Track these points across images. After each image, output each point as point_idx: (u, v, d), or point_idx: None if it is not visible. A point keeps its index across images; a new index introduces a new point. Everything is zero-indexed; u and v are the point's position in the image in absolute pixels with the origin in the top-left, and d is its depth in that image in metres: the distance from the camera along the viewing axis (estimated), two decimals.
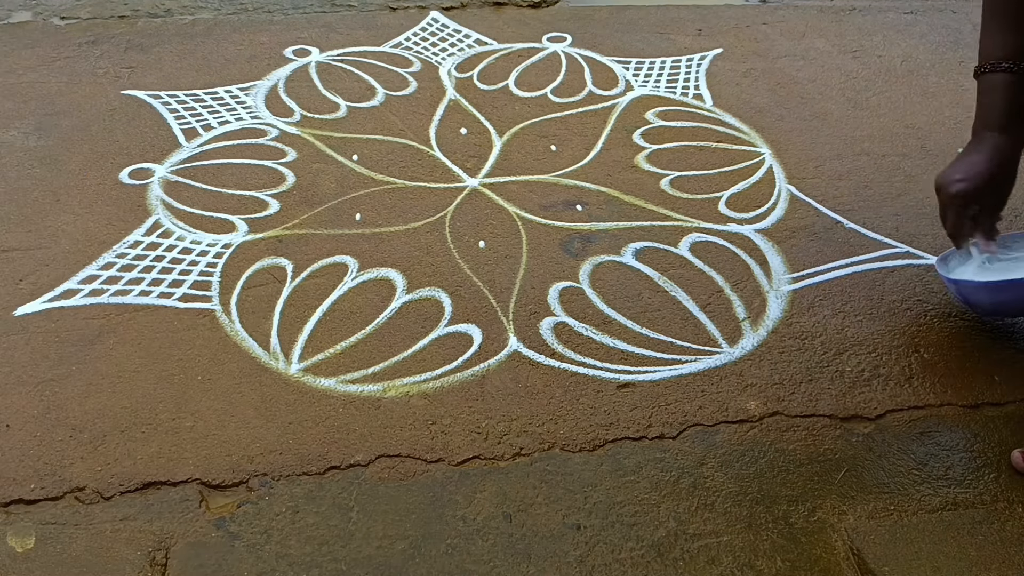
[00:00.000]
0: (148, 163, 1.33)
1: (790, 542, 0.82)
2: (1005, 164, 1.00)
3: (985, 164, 1.00)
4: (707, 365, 1.01)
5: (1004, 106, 0.99)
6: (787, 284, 1.14)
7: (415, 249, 1.17)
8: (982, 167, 1.00)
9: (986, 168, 1.00)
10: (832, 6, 1.96)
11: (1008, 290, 0.97)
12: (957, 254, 1.08)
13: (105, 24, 1.76)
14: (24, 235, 1.17)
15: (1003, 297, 0.98)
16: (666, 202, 1.28)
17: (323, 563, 0.79)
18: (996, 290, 0.98)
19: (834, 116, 1.51)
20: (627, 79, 1.62)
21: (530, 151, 1.40)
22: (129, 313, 1.05)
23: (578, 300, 1.09)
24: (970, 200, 1.01)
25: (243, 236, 1.18)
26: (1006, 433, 0.94)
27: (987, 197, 1.02)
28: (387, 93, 1.55)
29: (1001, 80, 0.99)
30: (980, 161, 1.00)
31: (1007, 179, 1.01)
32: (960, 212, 1.02)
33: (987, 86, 1.00)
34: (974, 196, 1.01)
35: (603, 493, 0.86)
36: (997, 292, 0.98)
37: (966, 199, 1.01)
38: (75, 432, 0.90)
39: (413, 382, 0.98)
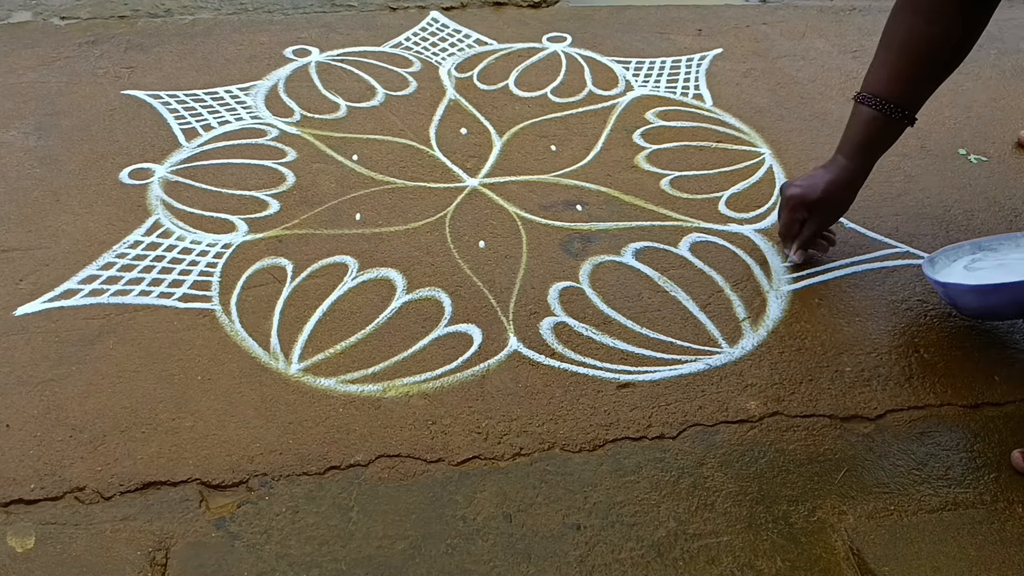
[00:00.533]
0: (148, 163, 1.33)
1: (790, 542, 0.82)
2: (841, 187, 1.09)
3: (824, 182, 1.09)
4: (707, 365, 1.01)
5: (860, 137, 1.06)
6: (787, 284, 1.14)
7: (415, 249, 1.17)
8: (820, 184, 1.09)
9: (823, 186, 1.08)
10: (832, 6, 1.96)
11: (995, 293, 0.98)
12: (943, 256, 1.10)
13: (105, 24, 1.76)
14: (24, 235, 1.17)
15: (991, 301, 0.98)
16: (666, 202, 1.28)
17: (323, 563, 0.79)
18: (984, 293, 0.99)
19: (834, 116, 1.51)
20: (627, 79, 1.62)
21: (530, 151, 1.40)
22: (129, 313, 1.05)
23: (578, 300, 1.09)
24: (798, 207, 1.11)
25: (243, 236, 1.18)
26: (1006, 433, 0.94)
27: (815, 210, 1.10)
28: (387, 93, 1.55)
29: (867, 114, 1.05)
30: (821, 178, 1.09)
31: (840, 201, 1.11)
32: (789, 215, 1.12)
33: (855, 114, 1.07)
34: (802, 205, 1.10)
35: (603, 493, 0.86)
36: (985, 296, 0.99)
37: (795, 203, 1.10)
38: (75, 432, 0.90)
39: (413, 382, 0.98)
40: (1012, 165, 1.40)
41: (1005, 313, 1.01)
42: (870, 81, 1.04)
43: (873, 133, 1.06)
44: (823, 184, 1.09)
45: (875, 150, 1.08)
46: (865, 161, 1.08)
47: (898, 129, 1.06)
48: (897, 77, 1.02)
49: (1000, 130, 1.49)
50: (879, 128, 1.05)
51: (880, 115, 1.03)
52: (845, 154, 1.08)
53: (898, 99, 1.02)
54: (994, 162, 1.41)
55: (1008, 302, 0.97)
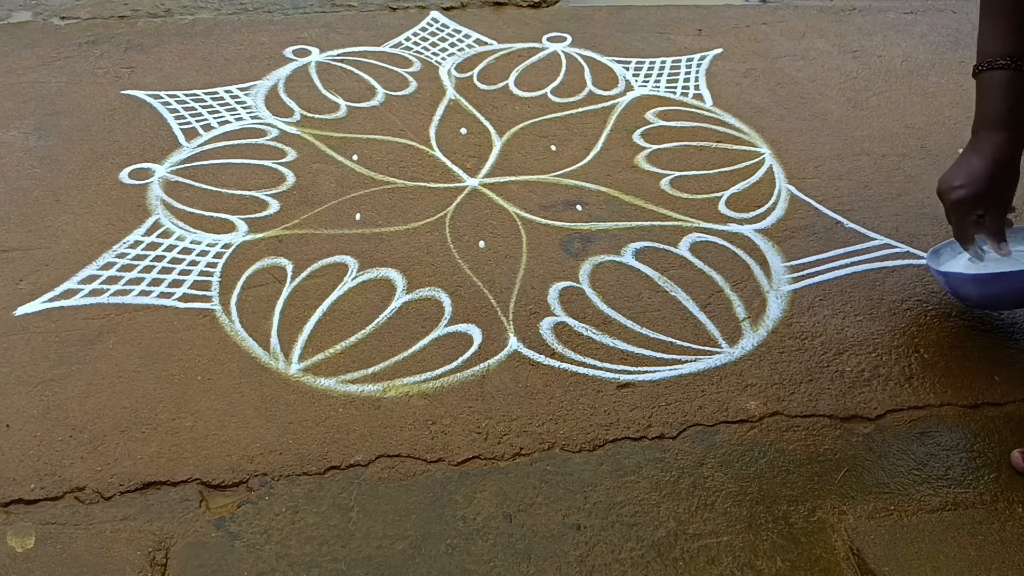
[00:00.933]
0: (148, 163, 1.33)
1: (790, 542, 0.82)
2: (1005, 164, 0.97)
3: (985, 167, 0.97)
4: (707, 365, 1.01)
5: (1003, 104, 0.96)
6: (787, 284, 1.14)
7: (415, 249, 1.17)
8: (982, 170, 0.97)
9: (986, 171, 0.97)
10: (832, 6, 1.96)
11: (996, 283, 0.98)
12: (948, 248, 1.09)
13: (105, 24, 1.76)
14: (24, 235, 1.17)
15: (991, 290, 0.99)
16: (666, 202, 1.28)
17: (323, 563, 0.79)
18: (984, 282, 0.99)
19: (834, 116, 1.51)
20: (627, 79, 1.62)
21: (530, 151, 1.40)
22: (129, 313, 1.05)
23: (578, 300, 1.09)
24: (972, 205, 0.99)
25: (243, 236, 1.18)
26: (1006, 433, 0.94)
27: (990, 199, 0.99)
28: (387, 93, 1.55)
29: (1000, 77, 0.96)
30: (980, 164, 0.98)
31: (1009, 179, 0.99)
32: (964, 218, 1.00)
33: (986, 84, 0.98)
34: (975, 201, 0.98)
35: (603, 493, 0.86)
36: (985, 285, 0.99)
37: (968, 204, 0.98)
38: (75, 432, 0.90)
39: (413, 382, 0.98)
40: None
41: (1005, 303, 1.01)
42: (987, 49, 0.98)
43: (1014, 94, 0.96)
44: (985, 171, 0.97)
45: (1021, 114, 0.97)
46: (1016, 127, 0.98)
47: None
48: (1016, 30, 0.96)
49: None
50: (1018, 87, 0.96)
51: (1015, 73, 0.95)
52: (992, 128, 0.97)
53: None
54: None
55: (1008, 291, 0.98)
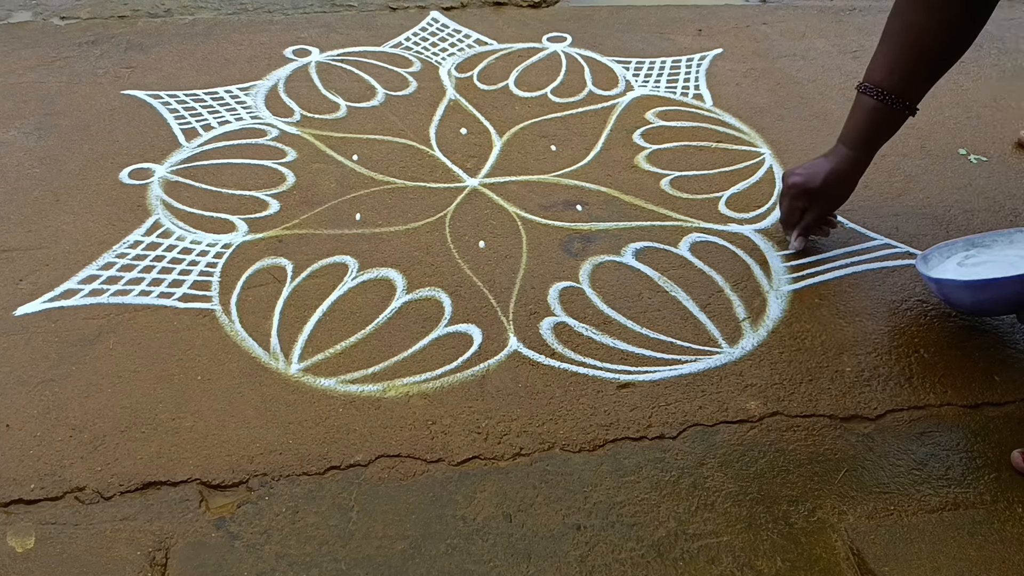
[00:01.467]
0: (148, 163, 1.33)
1: (790, 542, 0.82)
2: (842, 177, 1.10)
3: (825, 171, 1.10)
4: (707, 365, 1.01)
5: (860, 128, 1.07)
6: (787, 284, 1.14)
7: (415, 249, 1.17)
8: (820, 172, 1.10)
9: (823, 174, 1.10)
10: (832, 6, 1.96)
11: (988, 289, 0.98)
12: (936, 253, 1.10)
13: (105, 24, 1.76)
14: (24, 235, 1.17)
15: (983, 296, 0.99)
16: (666, 202, 1.28)
17: (323, 563, 0.79)
18: (976, 289, 0.99)
19: (834, 116, 1.51)
20: (627, 79, 1.62)
21: (530, 151, 1.40)
22: (129, 313, 1.05)
23: (578, 300, 1.09)
24: (799, 194, 1.12)
25: (243, 236, 1.18)
26: (1006, 433, 0.94)
27: (816, 199, 1.12)
28: (387, 93, 1.55)
29: (867, 103, 1.05)
30: (822, 166, 1.10)
31: (840, 190, 1.12)
32: (791, 203, 1.14)
33: (856, 104, 1.08)
34: (803, 194, 1.12)
35: (603, 493, 0.86)
36: (977, 291, 0.99)
37: (794, 191, 1.12)
38: (75, 432, 0.90)
39: (413, 382, 0.98)
40: (1012, 165, 1.40)
41: (997, 309, 1.02)
42: (872, 70, 1.05)
43: (874, 123, 1.06)
44: (824, 173, 1.10)
45: (876, 140, 1.09)
46: (866, 151, 1.09)
47: (899, 119, 1.06)
48: (899, 68, 1.02)
49: (1000, 130, 1.49)
50: (880, 118, 1.06)
51: (882, 105, 1.04)
52: (847, 143, 1.09)
53: (899, 90, 1.03)
54: (994, 162, 1.41)
55: (1000, 298, 0.98)
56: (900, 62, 1.02)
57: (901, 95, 1.03)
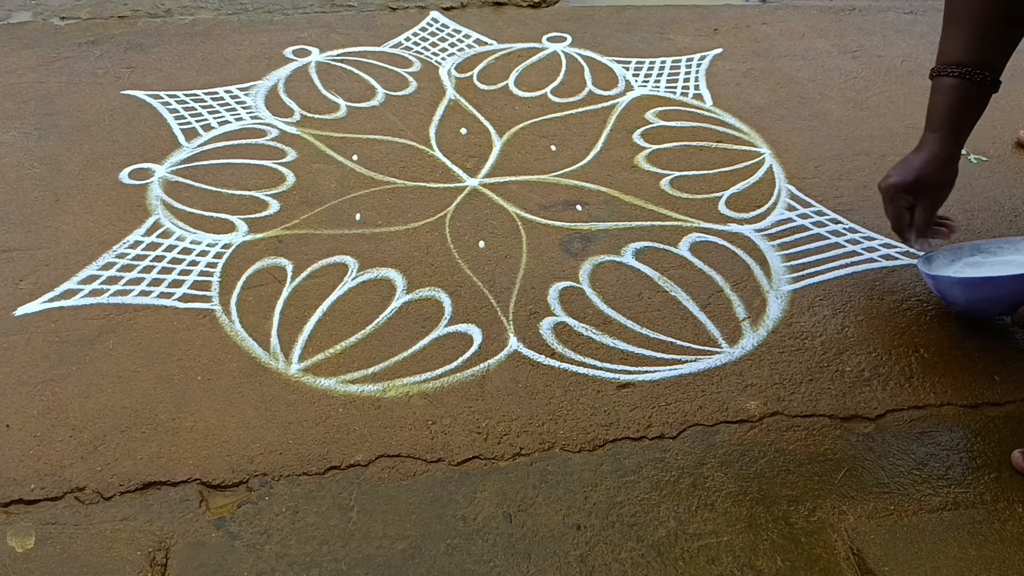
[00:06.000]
0: (148, 163, 1.33)
1: (790, 542, 0.82)
2: (939, 164, 1.04)
3: (919, 162, 1.05)
4: (707, 365, 1.01)
5: (947, 111, 1.03)
6: (787, 284, 1.14)
7: (415, 249, 1.17)
8: (915, 164, 1.05)
9: (919, 166, 1.05)
10: (832, 6, 1.96)
11: (982, 287, 0.99)
12: (942, 255, 1.10)
13: (105, 24, 1.76)
14: (24, 235, 1.17)
15: (977, 294, 1.00)
16: (666, 202, 1.28)
17: (323, 563, 0.79)
18: (971, 287, 1.00)
19: (834, 116, 1.51)
20: (627, 79, 1.62)
21: (530, 151, 1.40)
22: (129, 313, 1.05)
23: (578, 300, 1.09)
24: (900, 192, 1.06)
25: (243, 236, 1.18)
26: (1006, 433, 0.94)
27: (919, 192, 1.06)
28: (387, 93, 1.55)
29: (949, 84, 1.01)
30: (915, 160, 1.05)
31: (940, 178, 1.06)
32: (894, 204, 1.07)
33: (936, 88, 1.04)
34: (903, 189, 1.06)
35: (603, 493, 0.86)
36: (971, 289, 1.00)
37: (894, 190, 1.06)
38: (75, 432, 0.90)
39: (413, 382, 0.98)
40: (1012, 165, 1.40)
41: (992, 308, 1.02)
42: (945, 53, 1.01)
43: (960, 103, 1.02)
44: (918, 165, 1.05)
45: (965, 121, 1.04)
46: (956, 133, 1.04)
47: (984, 94, 1.02)
48: (972, 40, 0.99)
49: (1000, 130, 1.49)
50: (965, 96, 1.01)
51: (963, 82, 1.00)
52: (934, 129, 1.04)
53: (978, 62, 0.99)
54: (994, 162, 1.41)
55: (994, 297, 0.98)
56: (972, 34, 0.98)
57: (981, 67, 0.99)
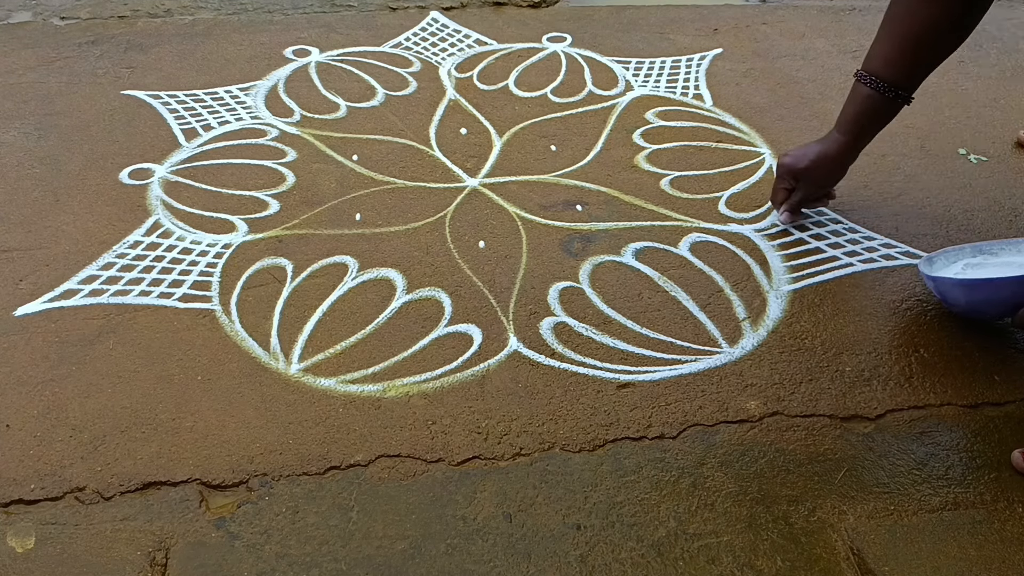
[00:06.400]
0: (148, 163, 1.33)
1: (790, 542, 0.82)
2: (830, 161, 1.14)
3: (815, 156, 1.14)
4: (707, 365, 1.01)
5: (854, 115, 1.10)
6: (787, 284, 1.14)
7: (415, 249, 1.17)
8: (810, 155, 1.14)
9: (813, 159, 1.14)
10: (832, 6, 1.96)
11: (982, 289, 0.99)
12: (943, 256, 1.10)
13: (105, 24, 1.76)
14: (24, 235, 1.17)
15: (977, 295, 1.00)
16: (666, 202, 1.28)
17: (323, 563, 0.79)
18: (971, 288, 1.00)
19: (834, 116, 1.50)
20: (627, 79, 1.62)
21: (530, 151, 1.40)
22: (129, 313, 1.05)
23: (578, 300, 1.09)
24: (785, 174, 1.17)
25: (243, 236, 1.18)
26: (1006, 433, 0.94)
27: (802, 179, 1.16)
28: (387, 93, 1.55)
29: (862, 92, 1.08)
30: (813, 151, 1.14)
31: (826, 173, 1.16)
32: (777, 182, 1.20)
33: (852, 91, 1.10)
34: (790, 173, 1.17)
35: (603, 493, 0.86)
36: (972, 290, 1.00)
37: (783, 173, 1.17)
38: (75, 432, 0.90)
39: (413, 382, 0.98)
40: (1012, 165, 1.40)
41: (992, 310, 1.02)
42: (870, 59, 1.06)
43: (868, 111, 1.08)
44: (813, 156, 1.14)
45: (869, 127, 1.11)
46: (857, 137, 1.11)
47: (893, 108, 1.08)
48: (895, 57, 1.03)
49: (1000, 130, 1.49)
50: (874, 106, 1.07)
51: (875, 94, 1.06)
52: (840, 130, 1.12)
53: (894, 79, 1.04)
54: (994, 162, 1.41)
55: (994, 299, 0.98)
56: (896, 52, 1.03)
57: (896, 84, 1.04)
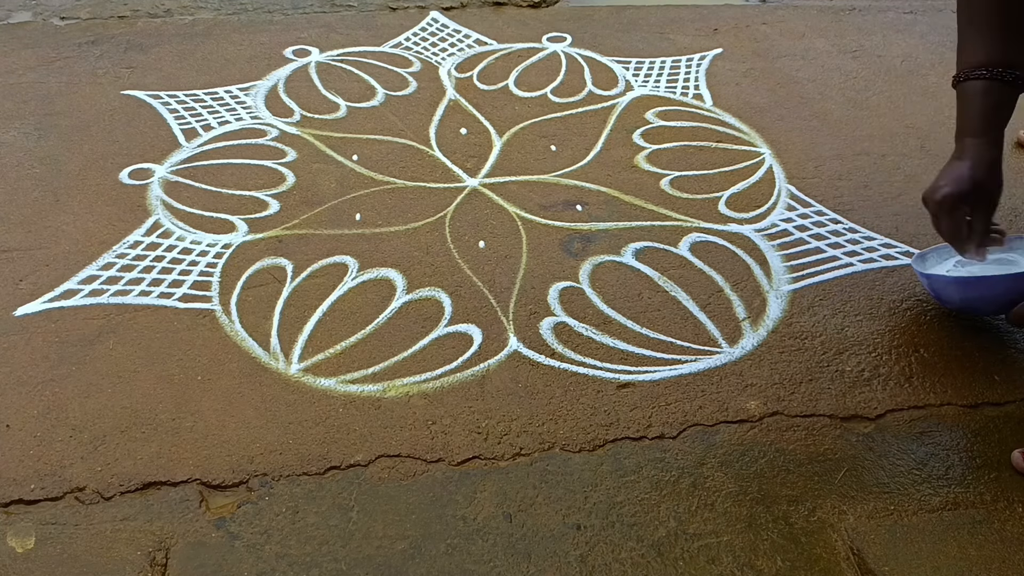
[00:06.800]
0: (148, 163, 1.33)
1: (790, 542, 0.82)
2: (987, 167, 1.02)
3: (968, 169, 1.02)
4: (707, 365, 1.01)
5: (981, 112, 1.01)
6: (787, 284, 1.14)
7: (415, 249, 1.17)
8: (965, 172, 1.02)
9: (969, 171, 1.01)
10: (832, 6, 1.96)
11: (976, 286, 0.99)
12: (935, 253, 1.10)
13: (105, 24, 1.76)
14: (24, 235, 1.17)
15: (971, 293, 1.00)
16: (666, 202, 1.28)
17: (323, 563, 0.79)
18: (965, 286, 1.00)
19: (834, 116, 1.51)
20: (627, 79, 1.62)
21: (530, 151, 1.40)
22: (129, 313, 1.05)
23: (578, 300, 1.09)
24: (957, 202, 1.02)
25: (243, 236, 1.18)
26: (1006, 433, 0.94)
27: (975, 201, 1.02)
28: (387, 93, 1.55)
29: (978, 87, 1.01)
30: (962, 167, 1.02)
31: (992, 181, 1.03)
32: (951, 216, 1.02)
33: (964, 93, 1.03)
34: (960, 199, 1.02)
35: (603, 493, 0.86)
36: (966, 288, 1.00)
37: (952, 202, 1.02)
38: (75, 432, 0.90)
39: (413, 382, 0.98)
40: (1012, 165, 1.40)
41: (986, 307, 1.02)
42: (966, 58, 1.02)
43: (993, 103, 1.01)
44: (970, 173, 1.02)
45: (1000, 121, 1.03)
46: (995, 135, 1.03)
47: (1014, 94, 1.01)
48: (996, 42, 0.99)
49: None
50: (998, 96, 1.01)
51: (994, 83, 1.00)
52: (974, 134, 1.03)
53: (1004, 62, 0.99)
54: None
55: (988, 296, 0.98)
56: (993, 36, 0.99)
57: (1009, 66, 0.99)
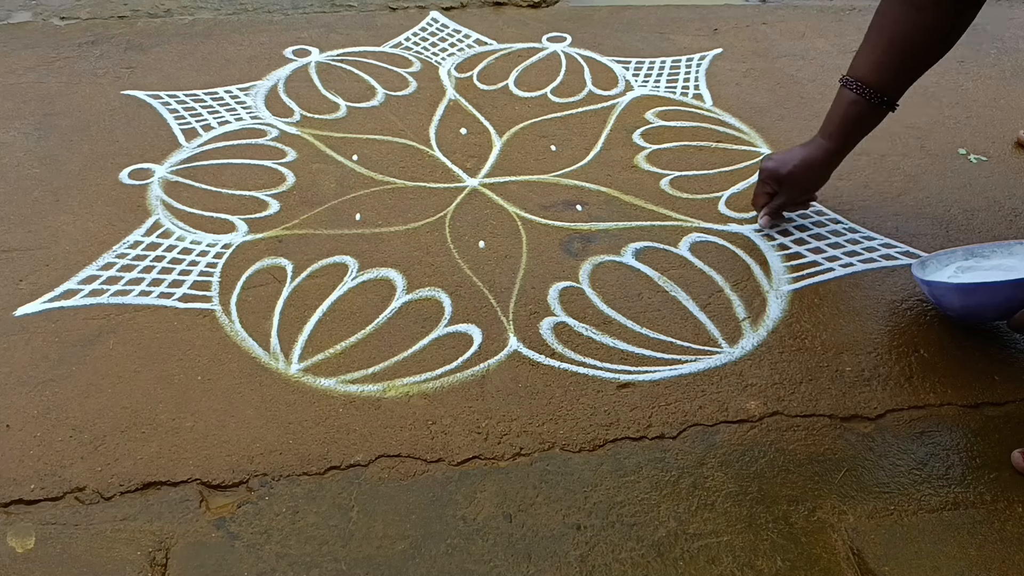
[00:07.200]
0: (148, 163, 1.33)
1: (790, 542, 0.82)
2: (813, 167, 1.13)
3: (797, 159, 1.13)
4: (707, 365, 1.01)
5: (838, 121, 1.09)
6: (787, 284, 1.14)
7: (415, 249, 1.17)
8: (793, 160, 1.13)
9: (797, 164, 1.13)
10: (832, 6, 1.96)
11: (976, 293, 0.99)
12: (935, 259, 1.10)
13: (105, 24, 1.76)
14: (24, 235, 1.17)
15: (971, 300, 1.00)
16: (666, 202, 1.28)
17: (323, 563, 0.79)
18: (965, 292, 1.00)
19: None
20: (627, 79, 1.62)
21: (530, 151, 1.40)
22: (129, 313, 1.05)
23: (578, 300, 1.09)
24: (768, 179, 1.17)
25: (243, 236, 1.18)
26: (1006, 433, 0.94)
27: (784, 185, 1.16)
28: (387, 93, 1.55)
29: (847, 97, 1.07)
30: (797, 155, 1.14)
31: (809, 179, 1.16)
32: (759, 187, 1.19)
33: (837, 97, 1.10)
34: (772, 178, 1.16)
35: (603, 493, 0.86)
36: (966, 295, 1.00)
37: (765, 177, 1.17)
38: (75, 432, 0.90)
39: (413, 382, 0.98)
40: (1012, 165, 1.40)
41: (987, 314, 1.02)
42: (856, 65, 1.06)
43: (852, 117, 1.08)
44: (795, 161, 1.13)
45: (853, 133, 1.10)
46: (842, 144, 1.11)
47: (878, 114, 1.07)
48: (881, 64, 1.03)
49: (1000, 130, 1.49)
50: (858, 112, 1.07)
51: (860, 99, 1.05)
52: (824, 135, 1.11)
53: (880, 85, 1.04)
54: (994, 162, 1.41)
55: (989, 303, 0.98)
56: (882, 58, 1.03)
57: (881, 90, 1.04)
